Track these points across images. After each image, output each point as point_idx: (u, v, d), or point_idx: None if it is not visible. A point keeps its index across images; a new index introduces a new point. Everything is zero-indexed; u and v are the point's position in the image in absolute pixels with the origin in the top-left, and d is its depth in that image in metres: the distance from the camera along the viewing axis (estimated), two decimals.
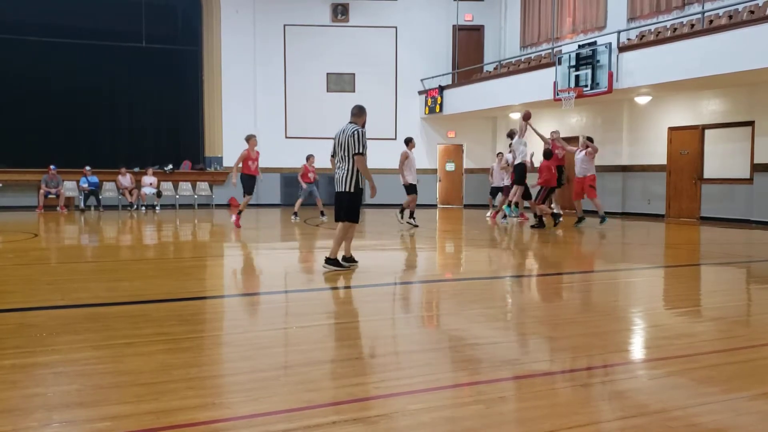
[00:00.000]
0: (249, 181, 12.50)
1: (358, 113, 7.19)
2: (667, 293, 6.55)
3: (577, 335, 4.39)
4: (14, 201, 18.43)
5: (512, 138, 13.78)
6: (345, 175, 6.89)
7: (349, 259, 7.28)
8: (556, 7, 18.63)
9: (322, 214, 15.17)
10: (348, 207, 6.99)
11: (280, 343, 4.30)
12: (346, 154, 6.89)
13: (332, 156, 7.26)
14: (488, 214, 16.22)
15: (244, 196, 12.64)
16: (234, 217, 12.53)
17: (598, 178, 13.80)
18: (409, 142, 13.17)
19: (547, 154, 13.30)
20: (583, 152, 13.15)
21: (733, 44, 12.09)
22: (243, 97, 20.98)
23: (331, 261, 7.03)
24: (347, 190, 6.90)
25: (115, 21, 20.04)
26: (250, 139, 12.52)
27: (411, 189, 13.35)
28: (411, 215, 13.48)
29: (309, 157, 15.60)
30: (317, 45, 21.20)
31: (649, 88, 14.83)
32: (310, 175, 15.63)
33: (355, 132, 6.89)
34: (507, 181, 14.97)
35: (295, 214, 14.92)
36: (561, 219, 13.56)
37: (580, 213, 13.29)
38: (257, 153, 12.68)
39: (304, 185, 15.70)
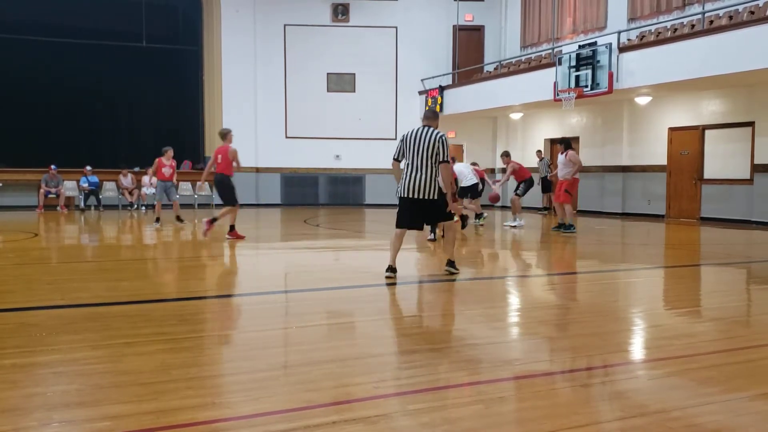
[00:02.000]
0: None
1: (434, 116, 6.73)
2: (667, 293, 6.55)
3: (577, 335, 4.39)
4: (14, 201, 18.44)
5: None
6: (426, 181, 6.41)
7: (453, 264, 7.09)
8: (556, 8, 18.63)
9: (179, 219, 13.33)
10: (441, 211, 6.72)
11: (280, 343, 4.30)
12: (426, 159, 6.39)
13: (396, 159, 6.71)
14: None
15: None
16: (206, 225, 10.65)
17: (598, 178, 13.77)
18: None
19: None
20: (564, 156, 12.72)
21: (733, 45, 12.09)
22: (243, 97, 20.99)
23: (452, 263, 6.96)
24: (432, 197, 6.49)
25: (116, 21, 20.05)
26: (227, 134, 10.93)
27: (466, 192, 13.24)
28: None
29: (166, 151, 13.40)
30: (317, 45, 21.20)
31: (649, 89, 14.83)
32: (166, 170, 13.44)
33: (442, 138, 6.44)
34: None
35: (158, 219, 13.34)
36: (470, 221, 12.98)
37: (561, 219, 12.19)
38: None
39: (154, 184, 14.41)
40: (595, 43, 15.12)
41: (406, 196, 6.49)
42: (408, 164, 6.51)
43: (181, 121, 21.87)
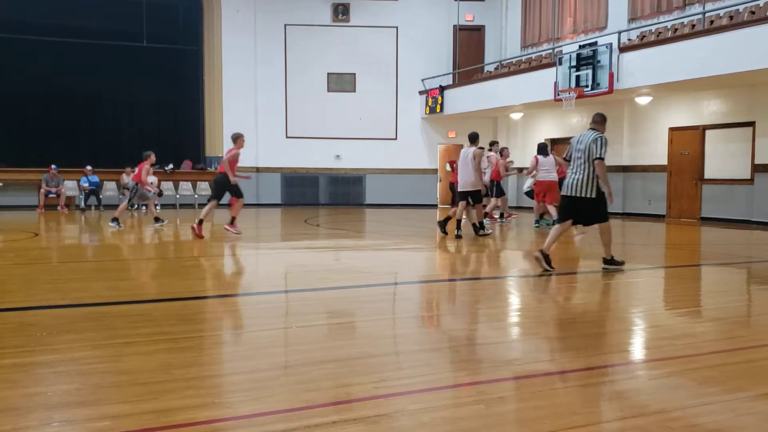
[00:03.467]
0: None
1: (600, 121, 7.12)
2: (667, 294, 6.55)
3: (577, 335, 4.39)
4: (15, 200, 18.44)
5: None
6: (584, 180, 6.88)
7: (611, 261, 7.28)
8: (556, 8, 18.62)
9: (158, 220, 13.02)
10: (596, 210, 7.05)
11: (280, 343, 4.30)
12: (583, 160, 6.88)
13: (566, 159, 7.28)
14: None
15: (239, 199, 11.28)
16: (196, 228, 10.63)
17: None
18: (475, 139, 11.67)
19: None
20: (550, 157, 13.02)
21: (733, 45, 12.08)
22: (243, 96, 20.99)
23: (609, 261, 7.24)
24: (589, 195, 6.91)
25: (116, 20, 20.04)
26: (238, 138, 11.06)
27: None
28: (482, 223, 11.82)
29: (149, 156, 13.08)
30: (318, 45, 21.20)
31: (649, 89, 14.82)
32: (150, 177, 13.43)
33: (599, 138, 6.90)
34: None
35: (156, 220, 13.13)
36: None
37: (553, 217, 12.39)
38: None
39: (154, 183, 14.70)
40: (595, 43, 15.11)
41: (566, 194, 7.06)
42: (571, 165, 7.08)
43: (182, 120, 21.87)
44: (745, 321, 5.23)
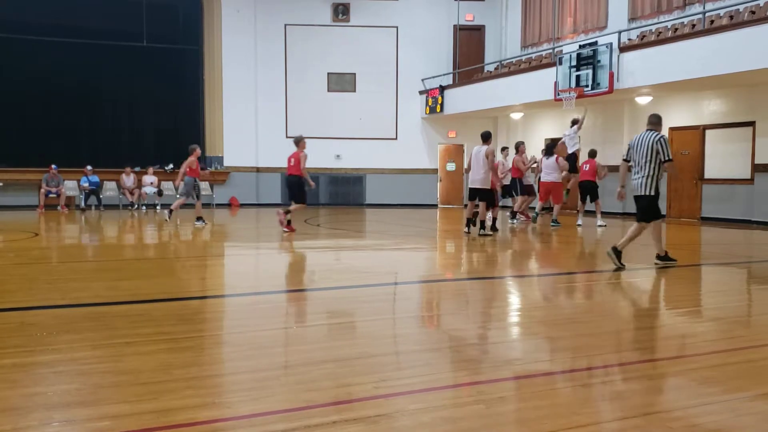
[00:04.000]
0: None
1: (657, 122, 7.44)
2: (667, 293, 6.55)
3: (578, 335, 4.39)
4: (15, 200, 18.44)
5: (573, 126, 14.27)
6: (646, 179, 7.26)
7: (664, 258, 7.65)
8: (557, 7, 18.62)
9: (199, 219, 13.38)
10: (648, 207, 7.41)
11: (280, 343, 4.30)
12: (647, 159, 7.21)
13: (625, 160, 7.66)
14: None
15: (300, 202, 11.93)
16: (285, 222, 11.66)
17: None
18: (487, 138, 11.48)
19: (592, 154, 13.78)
20: (552, 159, 13.63)
21: (734, 45, 12.08)
22: (244, 96, 20.98)
23: (661, 257, 7.62)
24: (648, 193, 7.30)
25: (116, 20, 20.02)
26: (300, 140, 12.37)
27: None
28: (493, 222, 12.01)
29: (195, 149, 13.66)
30: (318, 45, 21.20)
31: (649, 89, 14.82)
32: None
33: (662, 139, 7.21)
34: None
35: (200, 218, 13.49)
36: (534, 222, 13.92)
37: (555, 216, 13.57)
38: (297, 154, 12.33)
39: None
40: (595, 43, 15.11)
41: (636, 194, 7.46)
42: (633, 165, 7.45)
43: (182, 120, 21.85)
44: (745, 321, 5.23)
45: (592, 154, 13.93)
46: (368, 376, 3.39)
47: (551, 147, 13.86)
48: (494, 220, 12.05)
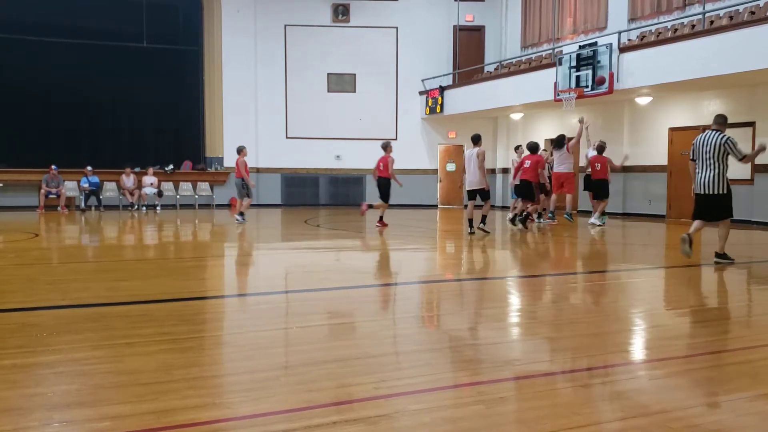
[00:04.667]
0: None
1: (723, 122, 7.79)
2: (667, 294, 6.55)
3: (578, 335, 4.39)
4: (15, 201, 18.44)
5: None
6: (716, 178, 7.54)
7: (723, 256, 7.86)
8: (556, 8, 18.63)
9: (242, 215, 13.92)
10: (724, 206, 7.67)
11: (281, 343, 4.30)
12: (716, 159, 7.51)
13: (692, 160, 7.85)
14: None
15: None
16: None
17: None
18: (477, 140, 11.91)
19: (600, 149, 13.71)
20: (564, 150, 13.65)
21: (734, 45, 12.08)
22: (244, 97, 20.99)
23: (721, 255, 7.84)
24: (721, 192, 7.58)
25: (116, 21, 20.04)
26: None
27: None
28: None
29: (243, 149, 13.97)
30: (318, 45, 21.21)
31: (649, 89, 14.82)
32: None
33: (729, 139, 7.52)
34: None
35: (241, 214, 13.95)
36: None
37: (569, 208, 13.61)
38: None
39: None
40: (595, 44, 15.12)
41: (698, 192, 7.71)
42: (699, 165, 7.68)
43: (182, 121, 21.87)
44: (745, 321, 5.23)
45: (600, 149, 13.85)
46: (368, 377, 3.39)
47: (561, 139, 13.81)
48: (526, 216, 12.60)
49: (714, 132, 7.64)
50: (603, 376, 3.55)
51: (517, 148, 15.37)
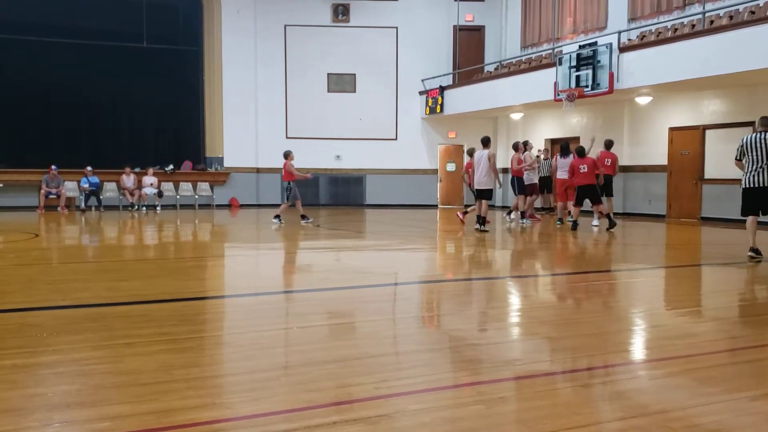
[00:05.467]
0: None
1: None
2: (668, 294, 6.55)
3: (578, 335, 4.39)
4: (15, 201, 18.43)
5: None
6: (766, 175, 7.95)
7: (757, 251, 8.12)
8: (556, 8, 18.62)
9: (305, 218, 13.96)
10: None
11: (281, 343, 4.30)
12: (765, 158, 7.94)
13: (738, 160, 8.28)
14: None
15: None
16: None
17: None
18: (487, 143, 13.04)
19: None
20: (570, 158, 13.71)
21: (733, 45, 12.07)
22: (244, 97, 20.98)
23: (754, 250, 8.11)
24: None
25: (116, 21, 20.02)
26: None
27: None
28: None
29: (290, 153, 14.08)
30: (318, 45, 21.20)
31: (649, 89, 14.81)
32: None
33: None
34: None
35: (279, 216, 13.83)
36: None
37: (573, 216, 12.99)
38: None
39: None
40: (595, 43, 15.11)
41: (748, 187, 8.08)
42: (750, 163, 8.06)
43: (182, 121, 21.86)
44: (745, 321, 5.23)
45: (609, 144, 13.93)
46: (369, 377, 3.39)
47: (567, 146, 13.91)
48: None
49: (764, 133, 8.03)
50: (603, 376, 3.55)
51: (525, 144, 15.37)
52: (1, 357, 3.67)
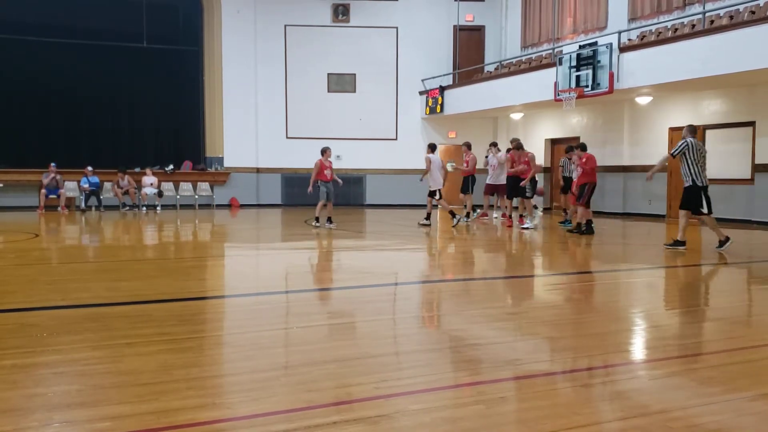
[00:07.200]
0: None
1: None
2: (667, 294, 6.55)
3: (578, 335, 4.39)
4: (15, 201, 18.43)
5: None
6: None
7: None
8: (557, 8, 18.62)
9: (330, 221, 13.19)
10: None
11: (281, 343, 4.30)
12: None
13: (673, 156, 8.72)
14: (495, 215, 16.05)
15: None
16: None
17: (599, 178, 13.82)
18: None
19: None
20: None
21: (734, 45, 12.07)
22: (244, 97, 20.98)
23: None
24: None
25: (116, 21, 20.02)
26: (325, 151, 13.38)
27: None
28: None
29: (325, 150, 13.55)
30: (318, 45, 21.19)
31: (649, 89, 14.81)
32: (327, 172, 13.31)
33: None
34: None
35: (317, 219, 13.26)
36: (462, 219, 14.43)
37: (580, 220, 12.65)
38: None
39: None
40: (595, 43, 15.11)
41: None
42: (692, 164, 8.56)
43: (182, 121, 21.85)
44: (745, 321, 5.23)
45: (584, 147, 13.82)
46: (369, 377, 3.39)
47: (571, 149, 13.83)
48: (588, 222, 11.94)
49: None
50: (603, 376, 3.55)
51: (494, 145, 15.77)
52: (1, 357, 3.67)
